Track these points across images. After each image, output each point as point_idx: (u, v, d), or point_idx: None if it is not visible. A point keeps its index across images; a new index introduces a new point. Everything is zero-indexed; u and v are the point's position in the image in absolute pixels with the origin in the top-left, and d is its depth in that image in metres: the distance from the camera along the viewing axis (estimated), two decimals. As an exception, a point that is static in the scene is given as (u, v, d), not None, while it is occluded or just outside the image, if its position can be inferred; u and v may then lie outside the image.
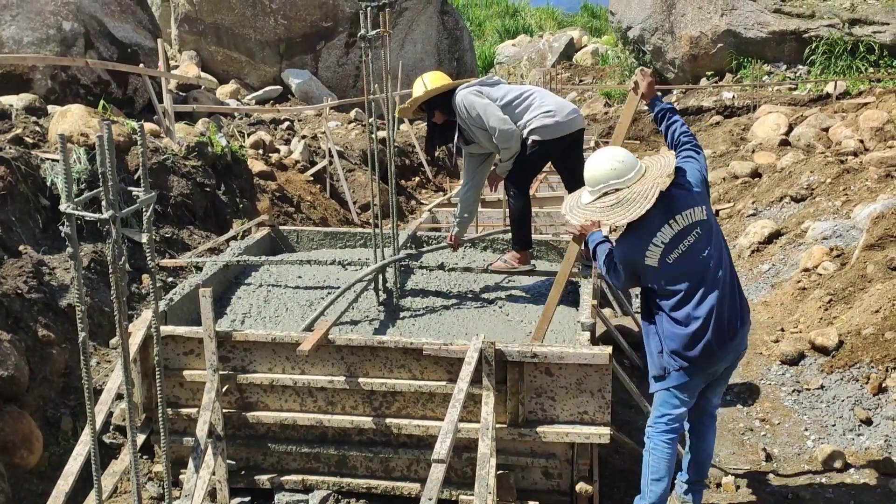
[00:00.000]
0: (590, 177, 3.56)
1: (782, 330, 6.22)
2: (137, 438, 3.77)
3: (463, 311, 4.70)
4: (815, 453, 4.68)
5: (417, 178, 13.15)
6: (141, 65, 10.03)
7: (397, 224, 4.88)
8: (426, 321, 4.58)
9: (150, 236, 2.78)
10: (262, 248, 5.62)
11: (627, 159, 3.52)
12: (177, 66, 15.40)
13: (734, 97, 16.33)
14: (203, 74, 15.46)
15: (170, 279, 5.92)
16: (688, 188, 3.55)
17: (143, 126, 2.93)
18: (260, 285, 4.94)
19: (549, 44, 26.52)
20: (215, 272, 4.87)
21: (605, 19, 28.05)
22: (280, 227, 6.00)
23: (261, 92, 15.88)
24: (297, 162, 10.58)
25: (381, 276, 4.79)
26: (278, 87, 16.23)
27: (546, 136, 4.68)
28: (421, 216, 8.85)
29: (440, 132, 5.02)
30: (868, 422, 4.87)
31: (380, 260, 4.77)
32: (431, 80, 4.83)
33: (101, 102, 8.17)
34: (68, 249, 2.60)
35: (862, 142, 10.48)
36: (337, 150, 10.95)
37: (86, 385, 2.71)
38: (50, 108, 7.81)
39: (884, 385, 5.02)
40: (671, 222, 3.46)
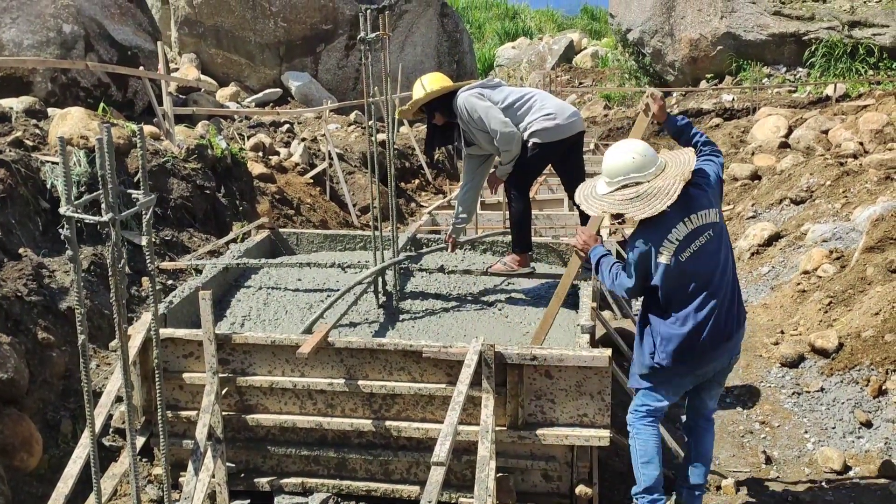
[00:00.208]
0: (609, 168, 3.53)
1: (782, 332, 6.22)
2: (137, 441, 3.78)
3: (462, 314, 4.69)
4: (815, 456, 4.68)
5: (417, 181, 13.16)
6: (141, 67, 10.04)
7: (397, 226, 4.88)
8: (426, 324, 4.57)
9: (149, 239, 2.78)
10: (261, 250, 5.61)
11: (648, 153, 3.51)
12: (177, 69, 15.42)
13: (734, 99, 16.32)
14: (203, 77, 15.48)
15: (169, 282, 5.92)
16: (704, 189, 3.55)
17: (143, 129, 2.93)
18: (260, 288, 4.94)
19: (548, 46, 26.54)
20: (215, 275, 4.87)
21: (604, 22, 28.07)
22: (280, 230, 6.00)
23: (261, 94, 15.90)
24: (296, 164, 10.59)
25: (380, 279, 4.79)
26: (278, 89, 16.25)
27: (546, 139, 4.68)
28: (421, 218, 8.86)
29: (440, 134, 5.03)
30: (868, 424, 4.87)
31: (379, 262, 4.77)
32: (431, 82, 4.84)
33: (101, 105, 8.17)
34: (68, 252, 2.60)
35: (861, 144, 10.48)
36: (337, 153, 10.96)
37: (85, 388, 2.71)
38: (50, 110, 7.82)
39: (884, 387, 5.02)
40: (686, 221, 3.46)
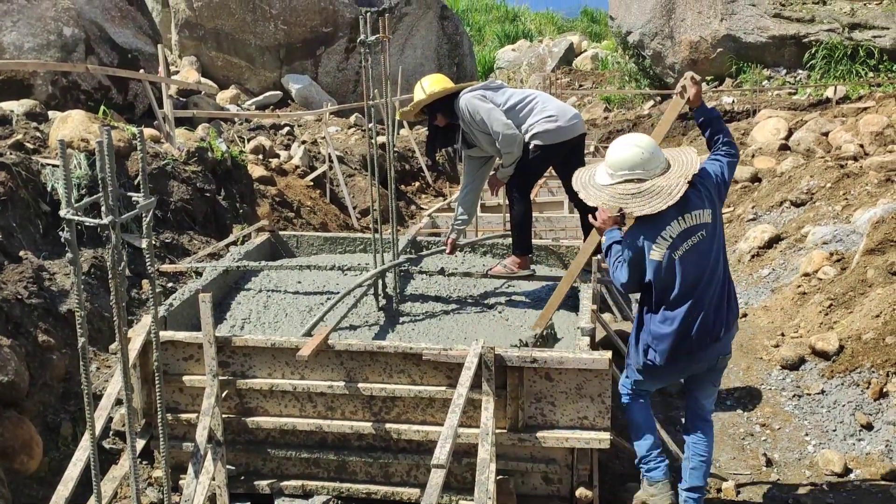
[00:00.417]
0: (614, 160, 3.53)
1: (782, 335, 6.21)
2: (137, 444, 3.77)
3: (463, 316, 4.69)
4: (816, 458, 4.68)
5: (417, 183, 13.17)
6: (141, 70, 10.05)
7: (397, 229, 4.88)
8: (426, 326, 4.57)
9: (149, 242, 2.78)
10: (261, 253, 5.61)
11: (654, 150, 3.52)
12: (177, 72, 15.43)
13: (734, 102, 16.33)
14: (203, 80, 15.49)
15: (169, 284, 5.92)
16: (700, 189, 3.56)
17: (143, 131, 2.93)
18: (260, 290, 4.94)
19: (548, 49, 26.57)
20: (215, 277, 4.87)
21: (604, 24, 28.10)
22: (280, 233, 6.00)
23: (261, 97, 15.91)
24: (297, 167, 10.60)
25: (380, 281, 4.79)
26: (278, 92, 16.26)
27: (548, 141, 4.69)
28: (421, 221, 8.87)
29: (442, 135, 5.03)
30: (869, 427, 4.87)
31: (379, 265, 4.77)
32: (432, 84, 4.84)
33: (102, 108, 8.19)
34: (68, 255, 2.60)
35: (862, 146, 10.48)
36: (337, 156, 10.96)
37: (85, 390, 2.71)
38: (50, 113, 7.82)
39: (885, 390, 5.01)
40: (679, 219, 3.48)
